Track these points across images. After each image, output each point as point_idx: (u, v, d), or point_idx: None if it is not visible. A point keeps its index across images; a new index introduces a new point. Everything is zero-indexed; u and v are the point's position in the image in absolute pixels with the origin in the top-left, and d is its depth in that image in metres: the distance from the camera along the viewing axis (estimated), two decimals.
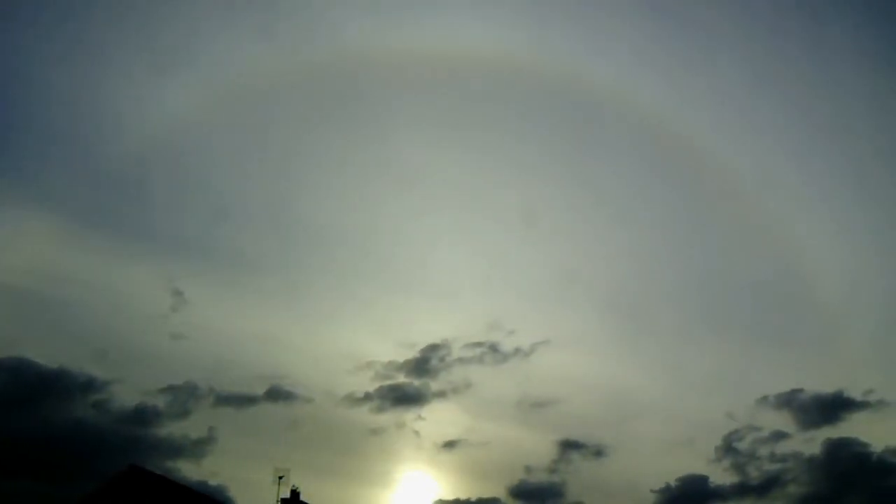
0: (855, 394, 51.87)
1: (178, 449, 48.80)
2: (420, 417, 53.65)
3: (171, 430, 49.38)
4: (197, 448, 48.88)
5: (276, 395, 52.06)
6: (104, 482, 30.55)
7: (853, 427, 50.99)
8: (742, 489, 50.26)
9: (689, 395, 57.02)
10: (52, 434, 43.04)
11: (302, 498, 33.20)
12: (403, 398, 54.00)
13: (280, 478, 32.96)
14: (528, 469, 52.06)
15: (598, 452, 52.36)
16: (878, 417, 50.90)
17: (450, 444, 52.28)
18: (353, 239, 65.08)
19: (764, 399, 53.55)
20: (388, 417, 54.66)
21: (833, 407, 52.08)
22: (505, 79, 61.62)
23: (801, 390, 52.93)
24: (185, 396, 50.58)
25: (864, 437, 49.66)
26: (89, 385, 48.79)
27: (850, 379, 53.95)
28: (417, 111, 66.12)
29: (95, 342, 51.14)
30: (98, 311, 52.73)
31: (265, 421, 51.83)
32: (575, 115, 66.67)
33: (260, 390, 52.09)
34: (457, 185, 67.36)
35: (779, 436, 51.84)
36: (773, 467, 50.73)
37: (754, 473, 50.84)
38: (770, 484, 49.86)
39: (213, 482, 38.41)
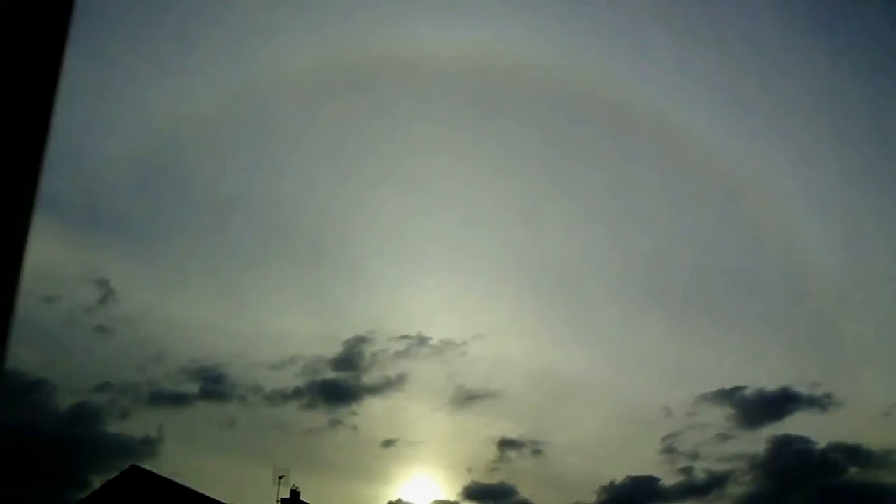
0: (801, 388, 50.65)
1: (128, 449, 46.96)
2: (353, 413, 50.74)
3: (113, 430, 45.76)
4: (147, 448, 47.08)
5: (211, 392, 50.04)
6: (105, 482, 29.85)
7: (797, 423, 50.32)
8: (683, 489, 48.97)
9: (631, 388, 55.47)
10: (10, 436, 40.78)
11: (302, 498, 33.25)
12: (335, 394, 50.99)
13: (280, 478, 32.88)
14: (469, 469, 50.25)
15: (537, 451, 50.54)
16: (823, 412, 50.38)
17: (388, 443, 49.83)
18: (278, 226, 62.28)
19: (705, 395, 51.96)
20: (321, 415, 52.75)
21: (778, 402, 51.02)
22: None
23: (744, 387, 51.34)
24: (120, 395, 48.05)
25: (808, 433, 49.00)
26: (39, 385, 46.54)
27: (796, 372, 53.28)
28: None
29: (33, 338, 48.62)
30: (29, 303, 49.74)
31: (204, 419, 49.06)
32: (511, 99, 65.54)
33: (193, 387, 48.80)
34: (384, 170, 65.17)
35: (721, 433, 50.48)
36: (715, 466, 49.73)
37: (696, 473, 49.44)
38: (712, 484, 48.80)
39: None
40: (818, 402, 50.93)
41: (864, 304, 57.59)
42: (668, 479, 49.88)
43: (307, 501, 33.33)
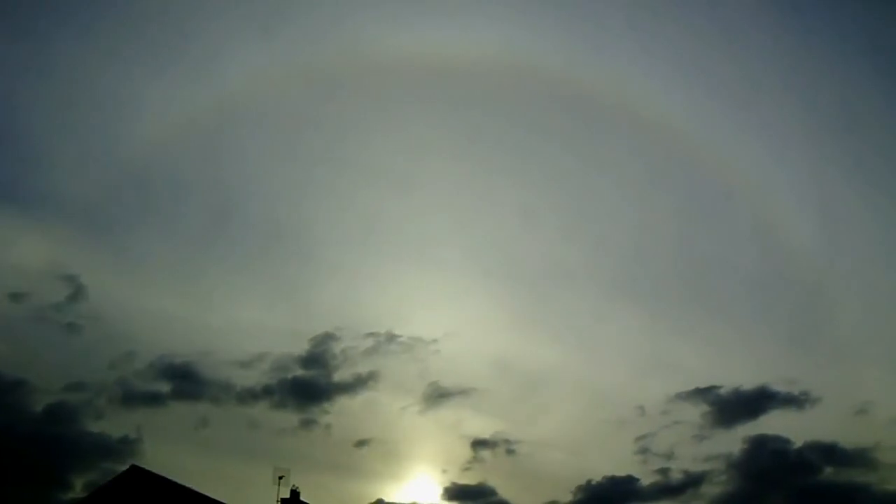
0: (777, 386, 50.81)
1: (108, 449, 45.04)
2: (326, 412, 50.02)
3: (90, 430, 45.39)
4: (127, 448, 44.55)
5: (183, 391, 48.67)
6: (105, 482, 29.37)
7: (774, 421, 50.24)
8: (659, 489, 48.86)
9: (606, 387, 55.10)
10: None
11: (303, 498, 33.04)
12: (306, 393, 50.33)
13: (280, 478, 32.65)
14: (444, 469, 49.57)
15: (511, 450, 50.46)
16: (799, 410, 50.66)
17: (362, 443, 49.05)
18: (244, 221, 59.58)
19: (680, 394, 51.66)
20: (292, 414, 50.93)
21: (754, 401, 50.79)
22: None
23: (720, 386, 51.48)
24: (93, 394, 46.57)
25: (784, 432, 49.05)
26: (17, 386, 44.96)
27: (772, 370, 53.05)
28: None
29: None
30: None
31: (179, 419, 48.47)
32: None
33: (165, 386, 48.45)
34: (357, 165, 62.26)
35: (697, 433, 50.81)
36: (691, 466, 49.52)
37: (672, 473, 49.38)
38: (688, 484, 48.69)
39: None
40: (794, 400, 50.68)
41: (840, 300, 56.92)
42: (645, 478, 49.32)
43: (307, 501, 33.16)
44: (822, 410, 50.71)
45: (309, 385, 50.51)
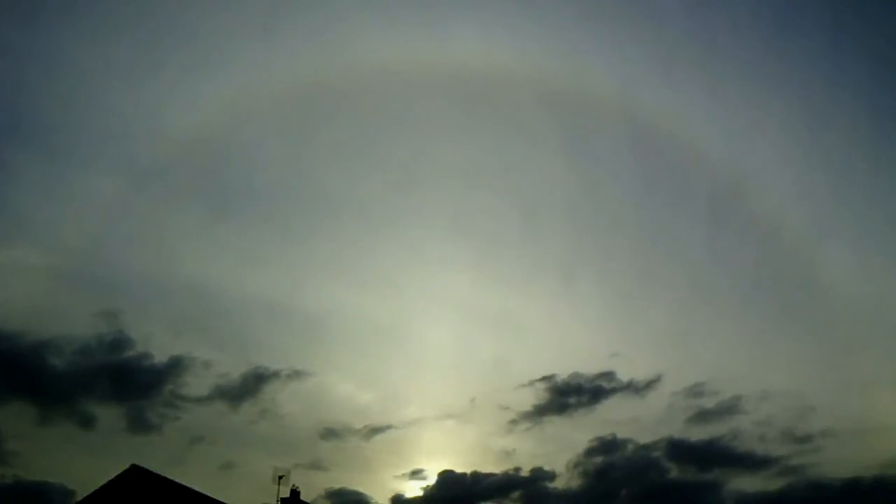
0: (619, 372, 49.54)
1: None
2: (153, 403, 45.46)
3: None
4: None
5: (13, 385, 43.90)
6: (105, 482, 29.58)
7: (613, 408, 49.05)
8: (503, 485, 47.08)
9: (444, 375, 52.03)
10: None
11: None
12: (126, 383, 45.35)
13: (280, 477, 32.77)
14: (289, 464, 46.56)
15: (347, 442, 47.90)
16: (639, 397, 49.67)
17: (196, 440, 44.76)
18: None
19: (526, 384, 50.36)
20: (118, 409, 46.17)
21: (594, 388, 49.52)
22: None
23: (557, 374, 49.79)
24: None
25: (625, 421, 48.40)
26: None
27: (610, 357, 51.54)
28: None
29: None
30: None
31: (18, 416, 44.10)
32: None
33: None
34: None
35: (536, 425, 49.72)
36: (535, 462, 48.28)
37: (518, 470, 47.78)
38: (529, 482, 46.94)
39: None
40: (631, 386, 49.40)
41: (669, 281, 56.82)
42: (491, 472, 47.46)
43: (307, 501, 33.32)
44: (663, 395, 49.26)
45: (124, 372, 45.42)
